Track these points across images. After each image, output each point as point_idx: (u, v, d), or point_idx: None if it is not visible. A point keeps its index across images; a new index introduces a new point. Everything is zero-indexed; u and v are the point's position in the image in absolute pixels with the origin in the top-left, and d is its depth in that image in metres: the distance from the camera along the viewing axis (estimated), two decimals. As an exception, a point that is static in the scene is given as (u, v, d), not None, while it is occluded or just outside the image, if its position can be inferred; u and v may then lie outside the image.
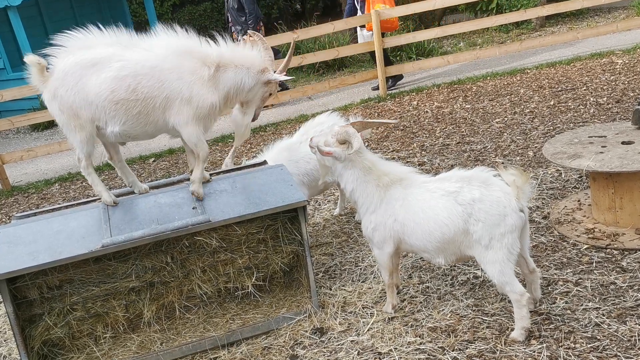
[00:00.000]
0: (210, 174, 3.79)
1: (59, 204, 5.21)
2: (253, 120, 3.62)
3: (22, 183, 7.97)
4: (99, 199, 3.57)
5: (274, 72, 3.48)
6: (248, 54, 3.42)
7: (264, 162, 4.03)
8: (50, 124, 10.85)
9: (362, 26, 9.44)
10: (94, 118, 3.24)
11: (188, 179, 3.74)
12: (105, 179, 7.55)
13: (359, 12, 9.43)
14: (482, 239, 2.96)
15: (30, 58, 3.17)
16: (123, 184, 7.05)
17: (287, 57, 3.56)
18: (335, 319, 3.50)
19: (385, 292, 3.55)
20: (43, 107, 7.95)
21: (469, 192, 3.01)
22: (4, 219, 6.58)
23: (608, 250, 3.74)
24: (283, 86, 10.91)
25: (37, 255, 3.11)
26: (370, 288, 3.77)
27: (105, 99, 3.18)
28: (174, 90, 3.24)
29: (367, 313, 3.51)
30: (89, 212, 3.46)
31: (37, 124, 10.62)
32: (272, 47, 10.54)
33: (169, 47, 3.28)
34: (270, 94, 3.59)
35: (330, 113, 4.74)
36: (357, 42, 10.16)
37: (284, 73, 3.51)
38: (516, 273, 3.04)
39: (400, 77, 9.88)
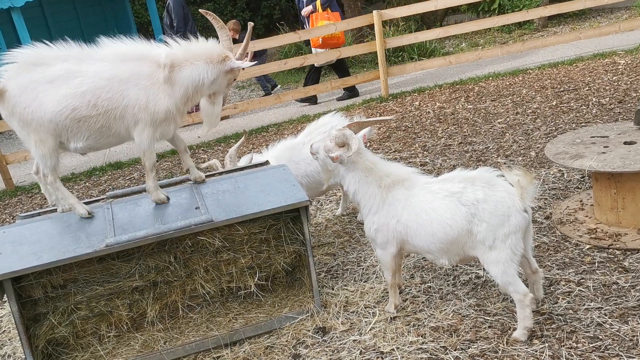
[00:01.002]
0: (212, 174, 3.81)
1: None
2: (222, 105, 3.55)
3: (26, 183, 7.99)
4: (103, 198, 3.59)
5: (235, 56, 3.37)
6: (203, 47, 3.33)
7: (266, 162, 4.04)
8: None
9: (307, 42, 9.40)
10: (56, 135, 3.18)
11: (190, 180, 3.76)
12: (107, 179, 7.57)
13: (306, 27, 9.36)
14: (486, 239, 2.96)
15: None
16: (125, 185, 7.12)
17: (244, 41, 3.45)
18: (338, 319, 3.50)
19: (387, 292, 3.56)
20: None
21: (472, 192, 3.00)
22: (8, 219, 6.60)
23: (610, 250, 3.74)
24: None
25: (41, 255, 3.13)
26: (372, 288, 3.78)
27: (67, 117, 3.12)
28: (132, 98, 3.17)
29: (369, 313, 3.52)
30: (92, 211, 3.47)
31: (40, 125, 10.65)
32: (272, 48, 10.63)
33: (124, 55, 3.22)
34: (235, 79, 3.51)
35: (334, 113, 4.73)
36: (359, 42, 10.15)
37: (245, 58, 3.42)
38: (519, 273, 3.04)
39: (356, 93, 9.69)
